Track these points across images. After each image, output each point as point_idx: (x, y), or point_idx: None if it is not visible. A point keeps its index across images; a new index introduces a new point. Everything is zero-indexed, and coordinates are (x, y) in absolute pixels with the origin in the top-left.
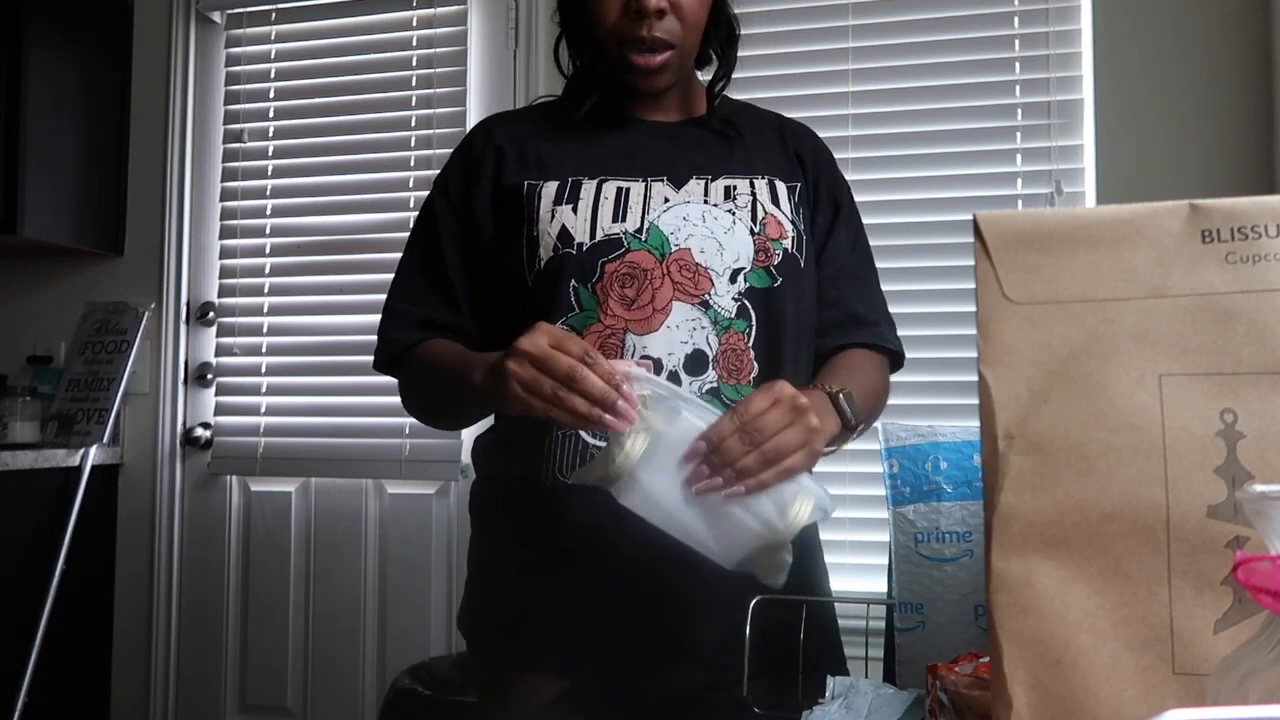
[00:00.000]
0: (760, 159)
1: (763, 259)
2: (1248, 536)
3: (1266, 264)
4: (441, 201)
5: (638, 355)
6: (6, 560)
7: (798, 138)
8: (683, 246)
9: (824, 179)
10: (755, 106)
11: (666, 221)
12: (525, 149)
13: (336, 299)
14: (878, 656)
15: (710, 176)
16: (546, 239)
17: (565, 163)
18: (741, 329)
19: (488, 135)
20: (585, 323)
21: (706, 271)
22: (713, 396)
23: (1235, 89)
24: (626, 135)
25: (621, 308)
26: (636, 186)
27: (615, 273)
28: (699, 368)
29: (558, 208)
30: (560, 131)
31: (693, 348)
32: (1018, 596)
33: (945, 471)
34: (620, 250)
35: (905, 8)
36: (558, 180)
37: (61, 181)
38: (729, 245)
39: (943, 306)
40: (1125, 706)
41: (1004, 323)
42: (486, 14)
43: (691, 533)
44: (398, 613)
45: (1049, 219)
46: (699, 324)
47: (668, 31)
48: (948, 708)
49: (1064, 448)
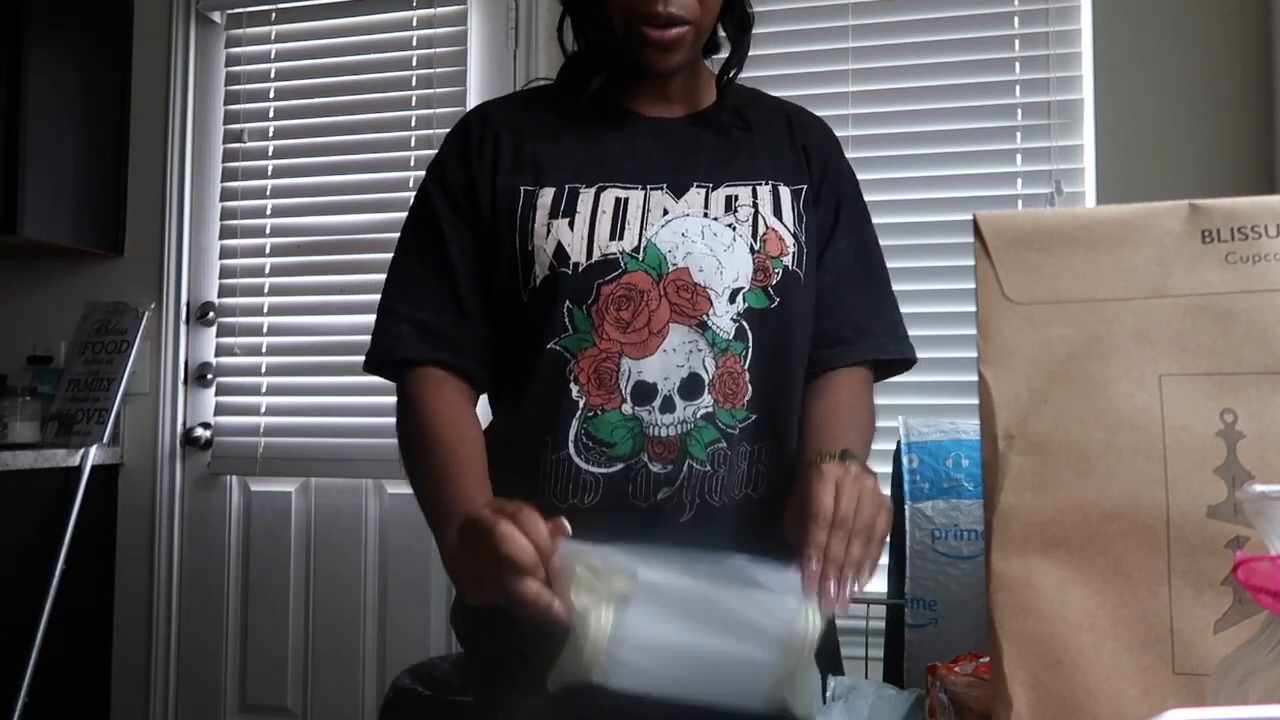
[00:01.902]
0: (766, 160)
1: (761, 279)
2: (1248, 536)
3: (1266, 264)
4: (440, 193)
5: (632, 380)
6: (6, 560)
7: (806, 130)
8: (680, 266)
9: (829, 176)
10: (764, 94)
11: (664, 238)
12: (522, 144)
13: (336, 299)
14: (878, 656)
15: (711, 185)
16: (542, 256)
17: (563, 165)
18: (738, 351)
19: (485, 121)
20: (580, 345)
21: (705, 291)
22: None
23: (1235, 89)
24: (627, 134)
25: (617, 331)
26: (635, 196)
27: (611, 295)
28: (694, 393)
29: (554, 221)
30: (558, 126)
31: (689, 372)
32: (1018, 596)
33: (966, 469)
34: (617, 271)
35: (905, 8)
36: (554, 187)
37: (61, 181)
38: (728, 264)
39: (943, 306)
40: (1125, 706)
41: (1004, 323)
42: (486, 14)
43: (699, 690)
44: (398, 613)
45: (1049, 219)
46: (696, 346)
47: (684, 7)
48: (948, 708)
49: (1064, 448)
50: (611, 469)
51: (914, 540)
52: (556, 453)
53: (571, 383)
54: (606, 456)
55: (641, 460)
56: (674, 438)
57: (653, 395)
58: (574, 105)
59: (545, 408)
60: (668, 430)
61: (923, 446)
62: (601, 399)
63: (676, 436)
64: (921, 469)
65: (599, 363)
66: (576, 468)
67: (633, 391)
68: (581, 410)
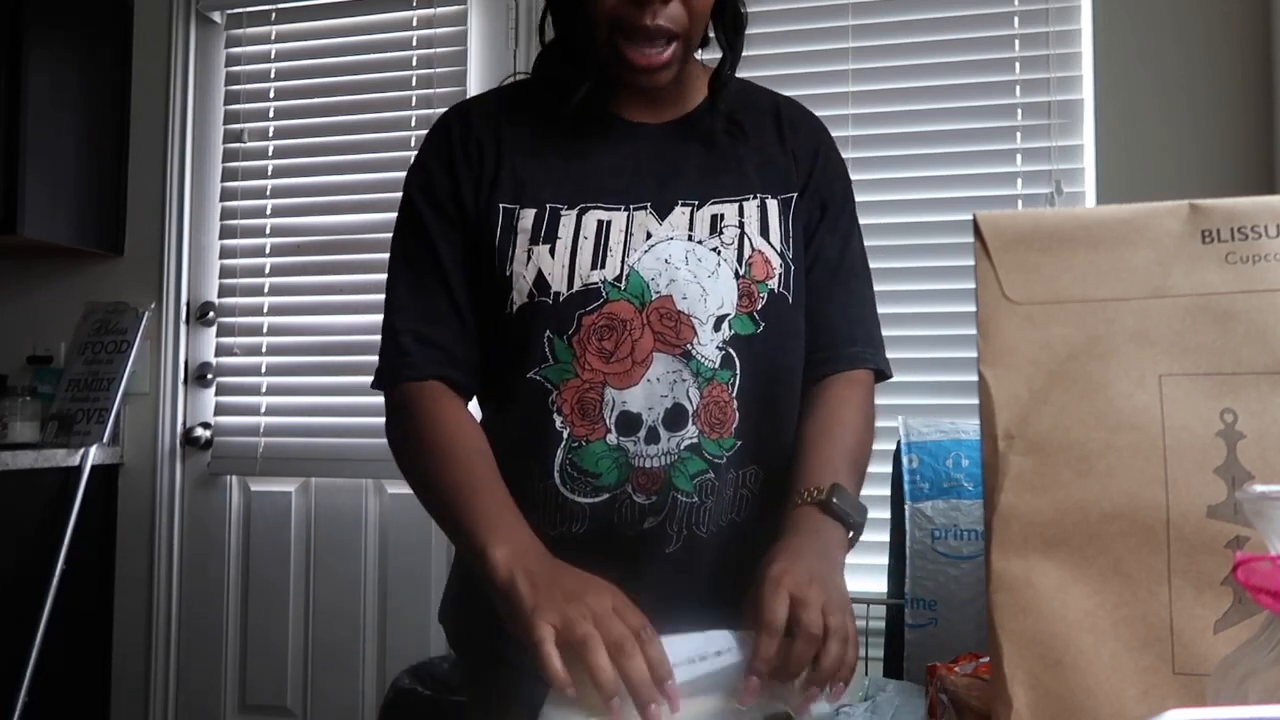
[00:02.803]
0: (755, 171)
1: (747, 304)
2: (1248, 536)
3: (1266, 264)
4: (425, 201)
5: (616, 410)
6: (6, 560)
7: (794, 128)
8: (664, 293)
9: (816, 174)
10: (753, 87)
11: (647, 265)
12: (503, 156)
13: (336, 299)
14: (878, 656)
15: (697, 203)
16: (521, 283)
17: (544, 184)
18: (725, 380)
19: (467, 125)
20: (561, 375)
21: (689, 319)
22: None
23: (1235, 89)
24: (611, 145)
25: (599, 361)
26: (618, 218)
27: (593, 325)
28: (678, 423)
29: (534, 247)
30: (540, 136)
31: (673, 402)
32: (1018, 596)
33: (966, 469)
34: (598, 301)
35: (905, 8)
36: (535, 208)
37: (61, 181)
38: (713, 290)
39: (943, 306)
40: (1125, 706)
41: (1004, 323)
42: (486, 14)
43: None
44: (398, 613)
45: (1049, 219)
46: (680, 376)
47: (672, 20)
48: (948, 708)
49: (1064, 448)
50: (597, 499)
51: (914, 540)
52: (543, 481)
53: (555, 414)
54: (592, 487)
55: (626, 491)
56: (658, 469)
57: (638, 426)
58: (555, 109)
59: (529, 434)
60: (652, 461)
61: (923, 446)
62: (586, 429)
63: (661, 468)
64: (921, 469)
65: (582, 393)
66: (563, 497)
67: (617, 421)
68: (566, 441)
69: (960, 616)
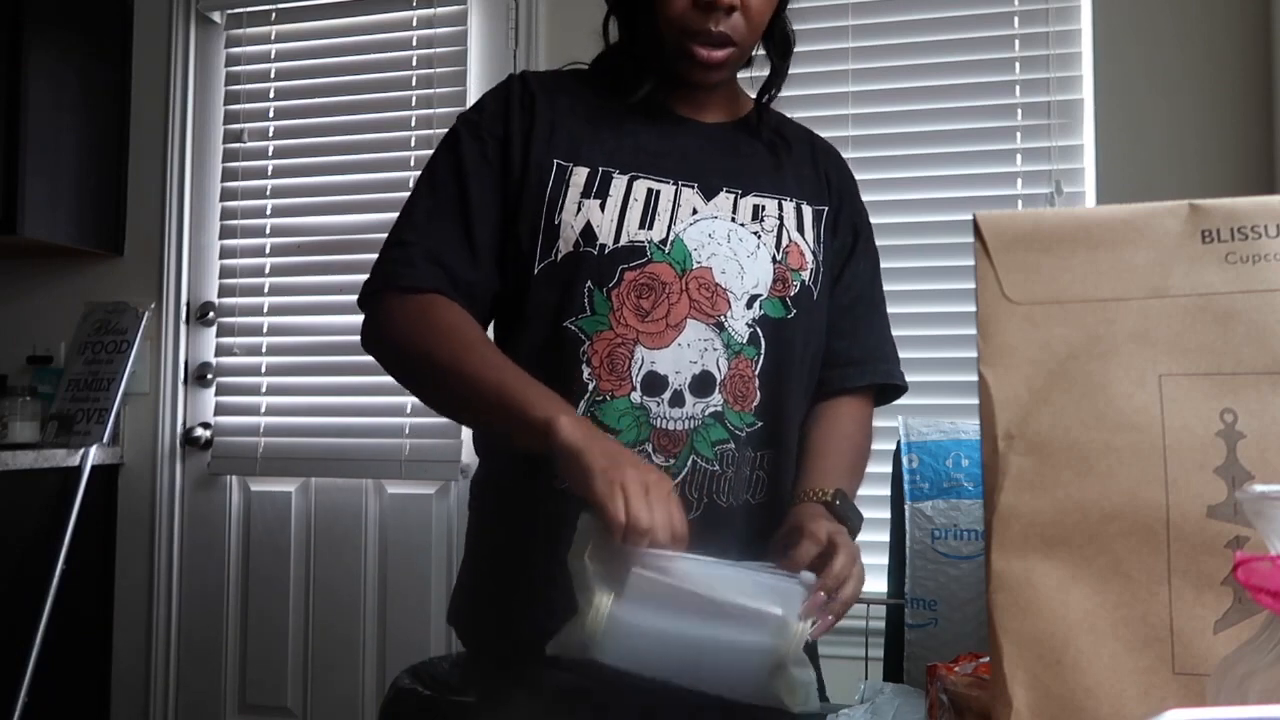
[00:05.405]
0: (793, 178)
1: (780, 288)
2: (1248, 536)
3: (1266, 264)
4: (470, 137)
5: (644, 370)
6: (6, 560)
7: (827, 155)
8: (704, 265)
9: (846, 204)
10: (789, 119)
11: (692, 236)
12: (558, 121)
13: (337, 299)
14: (878, 656)
15: (740, 191)
16: (568, 232)
17: (597, 150)
18: (751, 356)
19: (526, 85)
20: (595, 327)
21: (725, 293)
22: (715, 420)
23: (1235, 89)
24: (663, 130)
25: (635, 318)
26: (667, 189)
27: (634, 281)
28: (705, 390)
29: (585, 200)
30: (596, 111)
31: (701, 369)
32: (1018, 596)
33: (966, 469)
34: (642, 259)
35: (905, 8)
36: (588, 167)
37: (61, 181)
38: (750, 269)
39: (943, 306)
40: (1125, 706)
41: (1004, 323)
42: (486, 14)
43: (692, 676)
44: (398, 613)
45: (1049, 219)
46: (711, 345)
47: (733, 29)
48: (948, 708)
49: (1064, 448)
50: None
51: (914, 540)
52: None
53: (584, 364)
54: None
55: (645, 451)
56: (680, 432)
57: (663, 387)
58: (612, 98)
59: (554, 384)
60: (675, 424)
61: (923, 446)
62: (611, 384)
63: (683, 431)
64: (921, 469)
65: (614, 347)
66: None
67: (643, 381)
68: (590, 394)
69: (960, 616)
